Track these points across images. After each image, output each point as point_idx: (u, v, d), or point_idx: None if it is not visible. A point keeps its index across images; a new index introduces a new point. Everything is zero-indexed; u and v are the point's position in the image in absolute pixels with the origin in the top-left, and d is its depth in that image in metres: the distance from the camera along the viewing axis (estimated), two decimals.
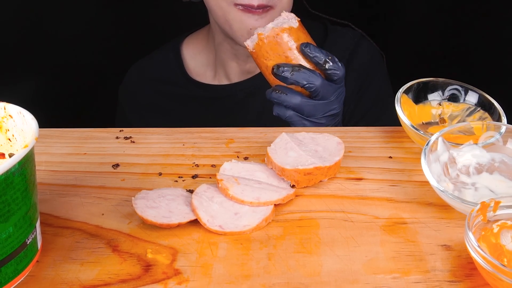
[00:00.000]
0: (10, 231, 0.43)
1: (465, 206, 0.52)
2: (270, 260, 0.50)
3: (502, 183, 0.57)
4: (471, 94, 0.70)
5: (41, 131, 0.48)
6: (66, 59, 1.25)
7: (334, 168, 0.61)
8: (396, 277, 0.48)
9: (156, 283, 0.48)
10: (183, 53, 1.04)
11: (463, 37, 1.28)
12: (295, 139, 0.64)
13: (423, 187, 0.60)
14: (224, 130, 0.72)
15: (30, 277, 0.48)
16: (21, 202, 0.44)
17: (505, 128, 0.60)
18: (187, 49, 1.04)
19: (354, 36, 1.01)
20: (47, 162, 0.65)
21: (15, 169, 0.43)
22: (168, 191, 0.59)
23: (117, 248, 0.52)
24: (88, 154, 0.67)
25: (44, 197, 0.59)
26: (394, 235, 0.53)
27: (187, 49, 1.04)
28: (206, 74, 1.02)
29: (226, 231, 0.53)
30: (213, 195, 0.57)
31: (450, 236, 0.53)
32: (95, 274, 0.49)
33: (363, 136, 0.71)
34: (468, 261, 0.50)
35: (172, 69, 1.03)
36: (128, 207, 0.57)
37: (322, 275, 0.48)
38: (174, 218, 0.54)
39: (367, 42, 1.01)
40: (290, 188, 0.59)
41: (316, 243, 0.52)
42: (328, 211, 0.57)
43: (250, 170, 0.61)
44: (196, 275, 0.48)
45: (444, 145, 0.59)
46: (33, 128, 0.48)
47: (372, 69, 1.00)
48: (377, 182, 0.61)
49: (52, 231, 0.54)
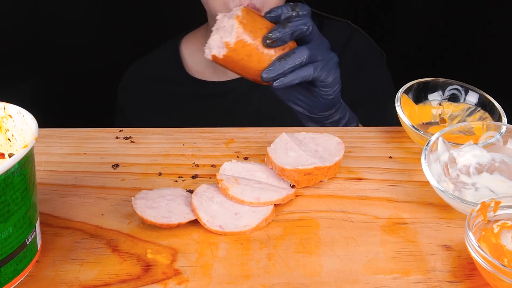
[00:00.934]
0: (10, 231, 0.43)
1: (465, 206, 0.52)
2: (270, 260, 0.50)
3: (502, 183, 0.57)
4: (471, 94, 0.70)
5: (41, 131, 0.48)
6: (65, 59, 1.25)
7: (334, 168, 0.61)
8: (396, 277, 0.48)
9: (156, 283, 0.47)
10: (182, 51, 1.04)
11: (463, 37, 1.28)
12: (295, 139, 0.64)
13: (423, 187, 0.60)
14: (224, 130, 0.72)
15: (30, 277, 0.48)
16: (20, 202, 0.44)
17: (505, 128, 0.60)
18: (186, 47, 1.05)
19: (350, 28, 1.02)
20: (47, 162, 0.65)
21: (14, 169, 0.43)
22: (168, 191, 0.59)
23: (117, 248, 0.52)
24: (88, 154, 0.67)
25: (44, 197, 0.59)
26: (394, 235, 0.53)
27: (186, 47, 1.05)
28: (205, 71, 1.02)
29: (226, 231, 0.53)
30: (213, 195, 0.57)
31: (450, 236, 0.53)
32: (95, 274, 0.49)
33: (363, 136, 0.71)
34: (468, 261, 0.49)
35: (171, 67, 1.03)
36: (128, 207, 0.57)
37: (322, 275, 0.48)
38: (174, 218, 0.54)
39: (363, 35, 1.02)
40: (290, 188, 0.59)
41: (316, 243, 0.52)
42: (328, 211, 0.57)
43: (250, 170, 0.61)
44: (196, 275, 0.48)
45: (444, 145, 0.59)
46: (33, 128, 0.48)
47: (369, 58, 1.00)
48: (377, 182, 0.61)
49: (52, 231, 0.54)
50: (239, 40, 0.67)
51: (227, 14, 0.70)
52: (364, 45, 1.03)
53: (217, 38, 0.68)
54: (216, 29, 0.70)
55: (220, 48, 0.68)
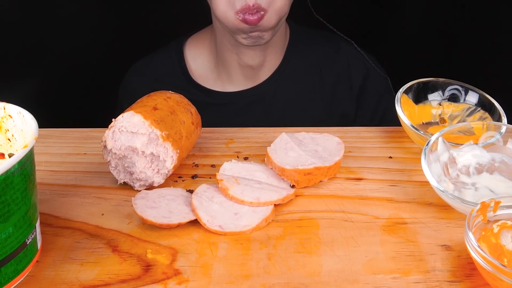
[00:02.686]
0: (10, 231, 0.43)
1: (465, 206, 0.52)
2: (270, 260, 0.50)
3: (502, 183, 0.57)
4: (471, 94, 0.70)
5: (41, 131, 0.48)
6: (66, 59, 1.25)
7: (334, 168, 0.61)
8: (396, 277, 0.48)
9: (156, 283, 0.47)
10: (186, 54, 1.02)
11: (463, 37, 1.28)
12: (295, 139, 0.64)
13: (423, 187, 0.60)
14: (224, 130, 0.72)
15: (30, 277, 0.48)
16: (20, 202, 0.44)
17: (505, 128, 0.60)
18: (190, 50, 1.03)
19: (365, 63, 1.00)
20: (47, 162, 0.65)
21: (15, 169, 0.43)
22: (168, 191, 0.59)
23: (117, 248, 0.52)
24: (88, 154, 0.67)
25: (44, 197, 0.59)
26: (394, 235, 0.53)
27: (190, 50, 1.03)
28: (208, 76, 1.00)
29: (226, 231, 0.53)
30: (213, 195, 0.57)
31: (450, 236, 0.53)
32: (95, 274, 0.49)
33: (363, 136, 0.71)
34: (468, 261, 0.50)
35: (175, 71, 1.02)
36: (128, 207, 0.57)
37: (322, 275, 0.48)
38: (174, 218, 0.54)
39: (375, 72, 1.00)
40: (290, 188, 0.59)
41: (316, 243, 0.52)
42: (328, 211, 0.57)
43: (250, 170, 0.61)
44: (196, 275, 0.48)
45: (444, 145, 0.59)
46: (33, 128, 0.48)
47: (383, 97, 1.00)
48: (377, 182, 0.61)
49: (52, 231, 0.54)
50: None
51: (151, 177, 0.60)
52: (379, 86, 1.01)
53: None
54: None
55: None
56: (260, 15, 0.82)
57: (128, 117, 0.58)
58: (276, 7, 0.83)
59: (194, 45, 1.03)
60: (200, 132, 0.66)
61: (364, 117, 0.99)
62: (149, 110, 0.59)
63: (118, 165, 0.60)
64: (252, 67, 0.96)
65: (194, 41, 1.03)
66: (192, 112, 0.64)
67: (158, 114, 0.59)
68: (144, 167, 0.59)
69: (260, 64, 0.96)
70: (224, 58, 0.97)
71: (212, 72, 1.00)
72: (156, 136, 0.58)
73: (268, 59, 0.96)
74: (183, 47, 1.03)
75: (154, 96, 0.63)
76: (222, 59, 0.98)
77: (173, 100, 0.63)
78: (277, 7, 0.83)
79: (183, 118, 0.62)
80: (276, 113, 0.97)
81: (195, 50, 1.02)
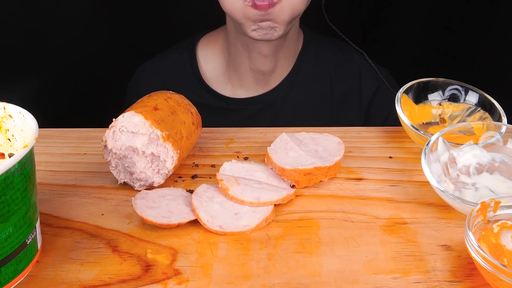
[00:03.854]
0: (10, 231, 0.43)
1: (466, 206, 0.52)
2: (270, 260, 0.50)
3: (502, 183, 0.57)
4: (471, 94, 0.70)
5: (41, 131, 0.48)
6: (66, 59, 1.25)
7: (334, 168, 0.61)
8: (396, 277, 0.48)
9: (156, 283, 0.47)
10: (198, 55, 0.99)
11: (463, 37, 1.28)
12: (295, 139, 0.64)
13: (423, 187, 0.60)
14: (224, 130, 0.72)
15: (30, 277, 0.48)
16: (21, 202, 0.44)
17: (505, 128, 0.60)
18: (202, 50, 1.00)
19: (377, 77, 0.99)
20: (46, 162, 0.65)
21: (15, 169, 0.43)
22: (168, 191, 0.59)
23: (117, 248, 0.52)
24: (88, 154, 0.67)
25: (44, 197, 0.59)
26: (394, 235, 0.53)
27: (202, 50, 1.00)
28: (219, 79, 0.98)
29: (226, 231, 0.53)
30: (213, 195, 0.57)
31: (450, 236, 0.53)
32: (95, 274, 0.49)
33: (363, 136, 0.71)
34: (468, 261, 0.50)
35: (187, 72, 0.99)
36: (128, 207, 0.57)
37: (322, 275, 0.48)
38: (174, 218, 0.54)
39: (386, 88, 0.98)
40: (290, 188, 0.59)
41: (316, 243, 0.52)
42: (328, 211, 0.57)
43: (250, 170, 0.61)
44: (196, 275, 0.48)
45: (445, 145, 0.59)
46: (33, 128, 0.48)
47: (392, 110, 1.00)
48: (377, 182, 0.61)
49: (52, 231, 0.54)
50: None
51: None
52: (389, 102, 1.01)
53: None
54: None
55: None
56: (271, 1, 0.79)
57: (128, 117, 0.58)
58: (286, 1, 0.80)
59: (207, 46, 1.00)
60: (200, 132, 0.66)
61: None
62: (150, 110, 0.59)
63: (118, 165, 0.60)
64: (263, 72, 0.94)
65: (206, 41, 1.01)
66: (192, 113, 0.64)
67: (158, 114, 0.59)
68: (144, 167, 0.59)
69: (271, 69, 0.94)
70: (236, 62, 0.95)
71: (223, 75, 0.98)
72: (156, 136, 0.58)
73: (280, 65, 0.95)
74: (196, 47, 1.00)
75: (154, 96, 0.63)
76: (234, 62, 0.96)
77: (173, 100, 0.63)
78: (292, 0, 0.81)
79: (184, 118, 0.62)
80: (284, 120, 0.96)
81: (207, 51, 1.00)
